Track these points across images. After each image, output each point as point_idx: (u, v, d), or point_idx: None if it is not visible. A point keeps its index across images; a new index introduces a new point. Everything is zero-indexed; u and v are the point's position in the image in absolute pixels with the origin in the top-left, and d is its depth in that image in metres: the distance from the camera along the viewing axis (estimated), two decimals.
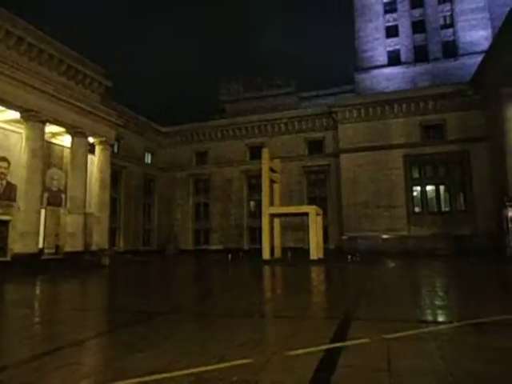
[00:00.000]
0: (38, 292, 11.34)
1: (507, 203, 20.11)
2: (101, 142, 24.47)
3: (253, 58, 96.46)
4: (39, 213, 19.76)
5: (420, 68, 38.88)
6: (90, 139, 23.78)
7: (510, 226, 19.59)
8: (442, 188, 29.99)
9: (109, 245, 25.61)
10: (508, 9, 22.77)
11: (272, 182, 25.00)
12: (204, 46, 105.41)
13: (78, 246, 21.66)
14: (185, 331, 5.45)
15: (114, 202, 31.08)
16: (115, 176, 31.43)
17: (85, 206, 22.74)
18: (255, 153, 32.77)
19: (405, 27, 40.96)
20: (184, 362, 3.73)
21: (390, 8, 42.03)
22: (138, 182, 34.99)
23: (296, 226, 30.51)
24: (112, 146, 26.56)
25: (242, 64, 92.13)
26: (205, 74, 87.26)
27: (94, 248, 23.29)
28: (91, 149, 24.34)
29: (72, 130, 21.95)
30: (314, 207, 23.35)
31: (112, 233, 30.00)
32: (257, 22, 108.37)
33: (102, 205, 24.29)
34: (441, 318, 6.20)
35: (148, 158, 37.43)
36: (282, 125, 34.45)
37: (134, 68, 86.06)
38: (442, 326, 5.39)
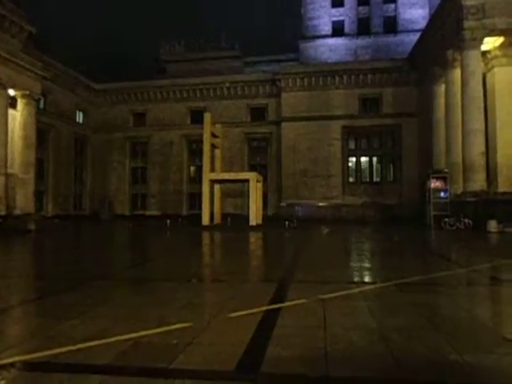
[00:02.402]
0: None
1: (431, 175, 21.85)
2: (23, 96, 22.10)
3: (196, 18, 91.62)
4: None
5: (362, 41, 39.77)
6: (11, 92, 21.36)
7: (431, 196, 21.43)
8: (374, 159, 31.78)
9: (35, 209, 23.81)
10: None
11: (213, 147, 24.61)
12: (148, 3, 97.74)
13: None
14: (120, 297, 5.26)
15: (41, 163, 28.72)
16: (42, 135, 28.88)
17: (6, 167, 20.70)
18: (197, 117, 31.84)
19: None
20: (120, 328, 3.59)
21: None
22: (68, 143, 32.51)
23: (236, 192, 30.68)
24: (37, 101, 24.17)
25: (184, 24, 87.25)
26: (145, 30, 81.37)
27: (17, 212, 21.51)
28: (13, 103, 21.92)
29: None
30: (254, 174, 23.52)
31: (39, 196, 27.91)
32: None
33: (26, 166, 22.30)
34: (370, 279, 6.65)
35: (80, 117, 34.73)
36: (225, 89, 33.65)
37: (67, 20, 77.54)
38: (371, 286, 5.77)
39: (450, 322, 3.93)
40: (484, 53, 21.57)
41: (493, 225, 17.21)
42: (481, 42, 20.52)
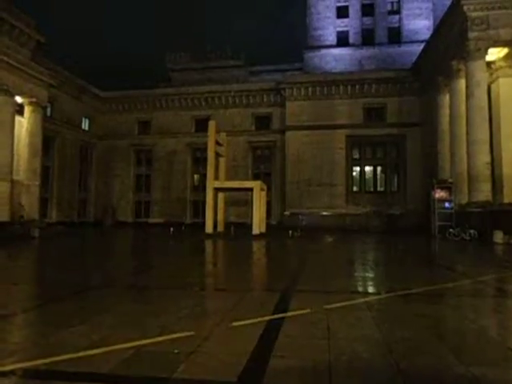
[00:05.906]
0: None
1: (435, 185, 21.75)
2: (31, 103, 22.35)
3: (202, 28, 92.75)
4: None
5: (367, 51, 39.96)
6: (19, 99, 21.62)
7: (436, 206, 21.31)
8: (379, 169, 31.70)
9: (40, 215, 23.92)
10: (448, 2, 23.89)
11: (218, 155, 24.65)
12: (153, 13, 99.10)
13: (3, 215, 19.93)
14: (122, 304, 5.23)
15: (46, 170, 28.90)
16: (48, 142, 29.11)
17: (12, 173, 20.85)
18: (201, 125, 31.96)
19: (355, 9, 41.61)
20: (122, 336, 3.56)
21: None
22: (73, 150, 32.73)
23: (240, 201, 30.63)
24: (44, 108, 24.42)
25: (190, 34, 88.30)
26: (151, 40, 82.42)
27: (22, 219, 21.58)
28: (20, 110, 22.17)
29: None
30: (258, 182, 23.49)
31: (44, 203, 28.03)
32: None
33: (31, 172, 22.45)
34: (374, 290, 6.59)
35: (85, 125, 35.01)
36: (230, 98, 33.85)
37: (75, 29, 78.69)
38: (375, 297, 5.71)
39: (456, 334, 3.87)
40: (488, 63, 21.58)
41: (499, 236, 17.03)
42: (485, 52, 20.53)
